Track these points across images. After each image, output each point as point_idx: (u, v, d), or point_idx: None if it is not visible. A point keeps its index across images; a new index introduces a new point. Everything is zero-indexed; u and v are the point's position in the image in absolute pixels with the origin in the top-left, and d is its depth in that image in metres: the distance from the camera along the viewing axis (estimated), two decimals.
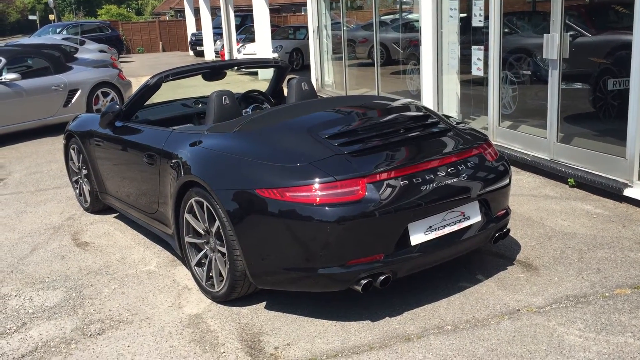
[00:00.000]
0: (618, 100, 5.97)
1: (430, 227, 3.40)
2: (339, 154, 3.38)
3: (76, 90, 9.92)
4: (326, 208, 3.17)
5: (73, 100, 9.87)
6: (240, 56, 18.62)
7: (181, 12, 38.67)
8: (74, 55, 13.73)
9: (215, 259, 3.69)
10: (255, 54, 17.01)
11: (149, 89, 4.69)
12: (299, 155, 3.40)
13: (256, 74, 17.39)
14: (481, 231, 3.61)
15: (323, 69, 12.45)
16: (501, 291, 3.65)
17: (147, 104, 5.42)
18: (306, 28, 15.67)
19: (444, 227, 3.45)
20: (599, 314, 3.33)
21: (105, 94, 10.41)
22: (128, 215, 5.01)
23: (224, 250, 3.54)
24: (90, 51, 17.19)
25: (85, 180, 5.55)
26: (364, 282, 3.24)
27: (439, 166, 3.48)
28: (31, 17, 54.56)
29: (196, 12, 27.64)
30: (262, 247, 3.36)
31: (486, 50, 6.72)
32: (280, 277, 3.40)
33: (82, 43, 19.07)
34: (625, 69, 4.97)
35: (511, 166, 3.98)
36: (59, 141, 8.26)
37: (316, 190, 3.20)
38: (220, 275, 3.67)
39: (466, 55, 7.35)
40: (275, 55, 17.63)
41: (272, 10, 26.86)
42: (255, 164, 3.44)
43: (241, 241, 3.39)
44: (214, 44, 24.25)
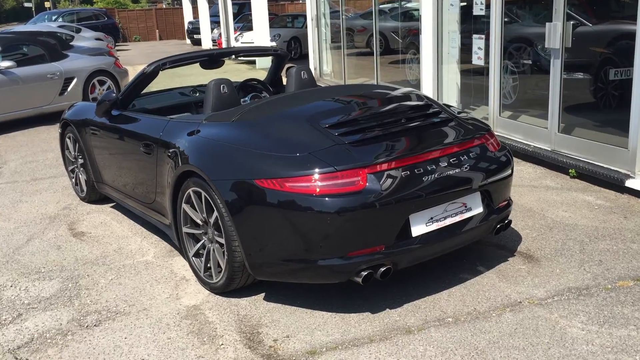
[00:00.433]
0: (620, 90, 5.91)
1: (432, 218, 3.36)
2: (340, 144, 3.33)
3: (72, 79, 9.82)
4: (326, 199, 3.12)
5: (69, 89, 9.77)
6: (237, 45, 18.50)
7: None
8: (70, 43, 13.60)
9: (214, 250, 3.64)
10: (253, 42, 16.90)
11: (146, 77, 4.62)
12: (299, 145, 3.35)
13: (254, 62, 17.29)
14: (483, 222, 3.56)
15: (321, 58, 12.37)
16: (502, 283, 3.62)
17: (144, 92, 5.36)
18: (304, 16, 15.55)
19: (445, 218, 3.41)
20: (601, 307, 3.30)
21: (101, 82, 10.32)
22: (125, 205, 4.95)
23: (222, 241, 3.50)
24: (86, 39, 17.02)
25: (82, 169, 5.49)
26: (364, 273, 3.20)
27: (440, 156, 3.43)
28: (27, 4, 54.07)
29: (193, 0, 27.44)
30: (261, 238, 3.32)
31: (487, 39, 6.65)
32: (279, 268, 3.36)
33: (78, 31, 18.93)
34: (628, 58, 4.91)
35: (512, 157, 3.93)
36: (55, 130, 8.18)
37: (316, 180, 3.15)
38: (219, 266, 3.62)
39: (467, 44, 7.28)
40: (273, 44, 17.51)
41: None
42: (254, 154, 3.38)
43: (240, 232, 3.34)
44: (212, 32, 24.10)
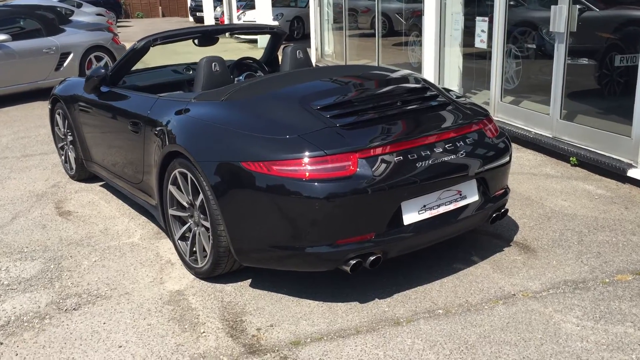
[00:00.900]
0: (625, 77, 5.74)
1: (425, 206, 3.23)
2: (331, 127, 3.19)
3: (68, 54, 9.66)
4: (315, 184, 2.99)
5: (65, 64, 9.62)
6: (240, 23, 18.25)
7: None
8: (69, 18, 13.40)
9: (199, 234, 3.53)
10: (255, 21, 16.66)
11: (136, 52, 4.47)
12: (288, 127, 3.21)
13: (255, 41, 17.06)
14: (478, 211, 3.43)
15: (323, 38, 12.15)
16: (496, 274, 3.50)
17: (136, 69, 5.21)
18: None
19: (439, 206, 3.28)
20: (598, 301, 3.18)
21: (98, 58, 10.15)
22: (113, 185, 4.83)
23: (207, 225, 3.38)
24: (86, 14, 16.81)
25: (71, 147, 5.36)
26: (353, 262, 3.08)
27: (436, 142, 3.29)
28: None
29: None
30: (247, 222, 3.19)
31: (490, 22, 6.47)
32: (265, 254, 3.24)
33: (79, 6, 18.69)
34: (634, 45, 4.75)
35: (512, 143, 3.79)
36: None
37: (305, 164, 3.02)
38: (204, 250, 3.51)
39: (470, 27, 7.10)
40: (276, 23, 17.26)
41: None
42: (242, 135, 3.25)
43: (225, 216, 3.22)
44: (214, 10, 23.81)
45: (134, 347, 2.95)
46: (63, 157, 5.64)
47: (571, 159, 5.32)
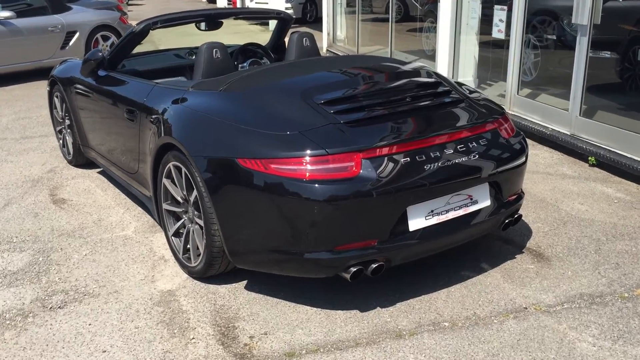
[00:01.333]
0: None
1: (432, 211, 3.01)
2: (334, 123, 2.97)
3: (74, 32, 9.45)
4: (315, 185, 2.78)
5: (71, 43, 9.41)
6: (252, 5, 17.91)
7: None
8: None
9: (193, 231, 3.33)
10: (267, 3, 16.36)
11: (135, 36, 4.25)
12: (289, 123, 3.00)
13: (267, 24, 16.74)
14: (489, 217, 3.21)
15: (335, 23, 11.85)
16: (507, 284, 3.28)
17: (137, 52, 5.00)
18: None
19: (447, 211, 3.06)
20: (616, 318, 2.96)
21: (105, 38, 9.93)
22: (110, 173, 4.64)
23: (201, 223, 3.18)
24: None
25: (68, 131, 5.18)
26: (353, 269, 2.88)
27: (447, 142, 3.06)
28: None
29: None
30: (242, 223, 2.99)
31: (509, 10, 6.19)
32: (261, 258, 3.05)
33: None
34: None
35: (527, 141, 3.55)
36: None
37: (305, 164, 2.81)
38: (198, 249, 3.32)
39: (487, 15, 6.80)
40: (289, 5, 16.92)
41: None
42: (239, 129, 3.03)
43: (219, 215, 3.02)
44: None
45: (119, 353, 2.78)
46: (61, 141, 5.46)
47: (589, 158, 5.07)
